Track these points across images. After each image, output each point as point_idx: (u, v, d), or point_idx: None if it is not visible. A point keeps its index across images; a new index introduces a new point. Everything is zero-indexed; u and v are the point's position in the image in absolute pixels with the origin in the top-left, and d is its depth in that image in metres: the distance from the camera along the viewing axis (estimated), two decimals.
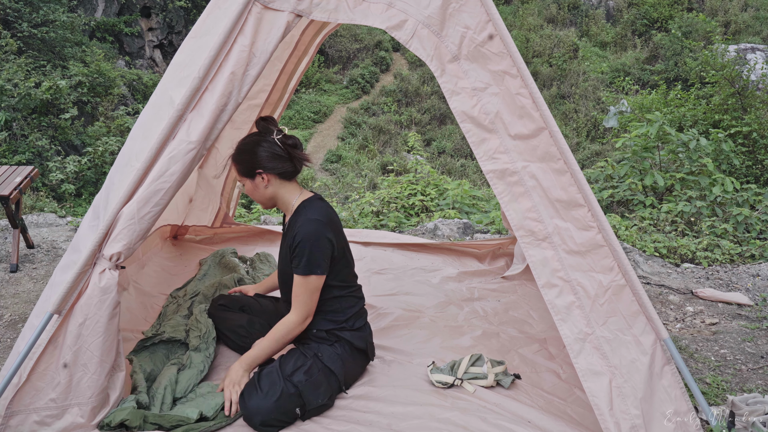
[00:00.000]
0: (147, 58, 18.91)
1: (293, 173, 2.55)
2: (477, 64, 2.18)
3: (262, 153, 2.46)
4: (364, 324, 2.66)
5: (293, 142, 2.51)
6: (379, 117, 19.49)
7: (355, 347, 2.56)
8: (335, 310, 2.56)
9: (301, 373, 2.38)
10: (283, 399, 2.29)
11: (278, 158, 2.47)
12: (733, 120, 9.41)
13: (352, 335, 2.56)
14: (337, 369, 2.47)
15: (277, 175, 2.50)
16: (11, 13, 13.12)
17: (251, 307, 2.86)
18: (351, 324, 2.57)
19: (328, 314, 2.56)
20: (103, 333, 2.13)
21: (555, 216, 2.17)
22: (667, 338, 2.17)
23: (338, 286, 2.55)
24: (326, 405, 2.41)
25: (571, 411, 2.44)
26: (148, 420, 2.20)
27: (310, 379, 2.38)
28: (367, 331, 2.67)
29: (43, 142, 10.60)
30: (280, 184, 2.52)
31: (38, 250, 4.28)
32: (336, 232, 2.50)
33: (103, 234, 2.12)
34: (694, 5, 23.10)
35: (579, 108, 19.14)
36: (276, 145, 2.46)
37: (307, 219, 2.44)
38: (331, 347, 2.52)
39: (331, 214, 2.54)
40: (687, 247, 4.93)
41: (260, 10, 2.19)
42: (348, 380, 2.55)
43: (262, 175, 2.48)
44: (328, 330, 2.55)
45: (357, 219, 5.85)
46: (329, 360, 2.47)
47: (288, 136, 2.51)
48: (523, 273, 3.76)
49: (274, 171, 2.49)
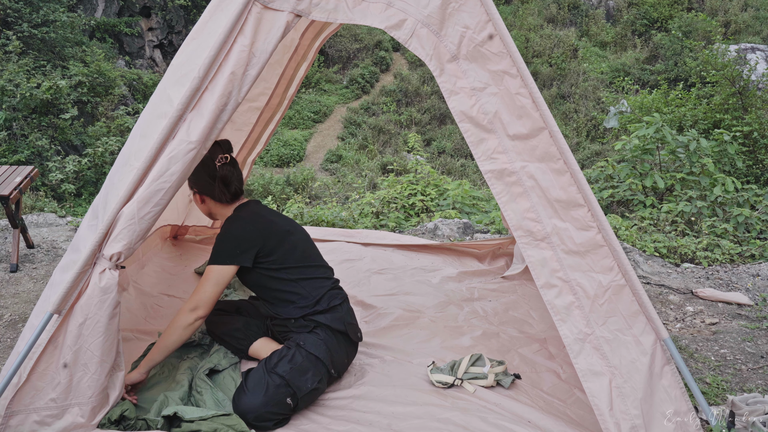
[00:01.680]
0: (147, 58, 18.91)
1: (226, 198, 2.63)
2: (476, 63, 2.18)
3: (199, 174, 2.58)
4: (340, 304, 2.63)
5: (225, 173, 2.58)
6: (379, 117, 19.50)
7: (334, 330, 2.55)
8: (299, 295, 2.57)
9: (285, 363, 2.39)
10: (271, 391, 2.30)
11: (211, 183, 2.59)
12: (734, 120, 9.42)
13: (327, 318, 2.55)
14: (322, 354, 2.47)
15: (211, 198, 2.64)
16: (11, 14, 13.13)
17: (246, 310, 2.86)
18: (323, 306, 2.57)
19: (293, 302, 2.58)
20: (104, 333, 2.13)
21: (554, 216, 2.17)
22: (667, 338, 2.17)
23: (287, 269, 2.57)
24: (318, 389, 2.42)
25: (570, 411, 2.44)
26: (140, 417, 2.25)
27: (295, 366, 2.38)
28: (344, 311, 2.64)
29: (43, 142, 10.61)
30: (214, 204, 2.66)
31: (38, 250, 4.28)
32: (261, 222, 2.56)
33: (103, 234, 2.12)
34: (694, 5, 23.10)
35: (579, 108, 19.14)
36: (213, 170, 2.58)
37: (229, 218, 2.58)
38: (312, 334, 2.52)
39: (261, 208, 2.64)
40: (687, 247, 4.93)
41: (260, 10, 2.19)
42: (336, 364, 2.54)
43: (196, 194, 2.66)
44: (302, 317, 2.56)
45: (357, 219, 5.85)
46: (312, 347, 2.47)
47: (225, 165, 2.59)
48: (523, 273, 3.76)
49: (207, 195, 2.63)
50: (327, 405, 2.47)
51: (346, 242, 4.30)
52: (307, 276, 2.60)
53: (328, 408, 2.45)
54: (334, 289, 2.67)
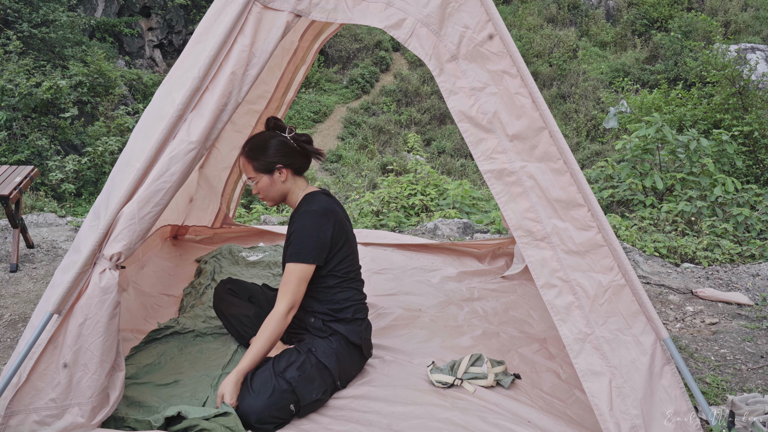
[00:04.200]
0: (147, 58, 18.91)
1: (306, 168, 2.67)
2: (476, 63, 2.18)
3: (280, 148, 2.57)
4: (363, 319, 2.66)
5: (306, 138, 2.64)
6: (378, 117, 19.49)
7: (349, 342, 2.56)
8: (331, 300, 2.58)
9: (294, 369, 2.38)
10: (276, 396, 2.29)
11: (294, 153, 2.60)
12: (734, 120, 9.42)
13: (347, 329, 2.56)
14: (331, 364, 2.47)
15: (292, 170, 2.61)
16: (11, 13, 13.13)
17: (258, 299, 2.85)
18: (347, 315, 2.57)
19: (323, 303, 2.58)
20: (104, 333, 2.13)
21: (553, 216, 2.17)
22: (667, 338, 2.17)
23: (334, 276, 2.57)
24: (321, 400, 2.41)
25: (570, 411, 2.44)
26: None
27: (303, 374, 2.38)
28: (365, 327, 2.66)
29: (43, 141, 10.61)
30: (293, 179, 2.63)
31: (38, 250, 4.28)
32: (336, 223, 2.54)
33: (103, 234, 2.12)
34: (694, 5, 23.09)
35: (579, 108, 19.14)
36: (289, 141, 2.58)
37: (303, 211, 2.53)
38: (326, 341, 2.52)
39: (332, 205, 2.60)
40: (687, 247, 4.93)
41: (260, 10, 2.19)
42: (343, 376, 2.55)
43: (281, 170, 2.58)
44: (324, 320, 2.56)
45: (357, 219, 5.85)
46: (323, 355, 2.47)
47: (300, 133, 2.63)
48: (522, 273, 3.76)
49: (292, 166, 2.60)
50: (327, 405, 2.47)
51: None
52: (346, 287, 2.61)
53: (328, 408, 2.45)
54: (361, 302, 2.69)
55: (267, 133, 2.62)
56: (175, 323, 2.97)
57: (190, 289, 3.44)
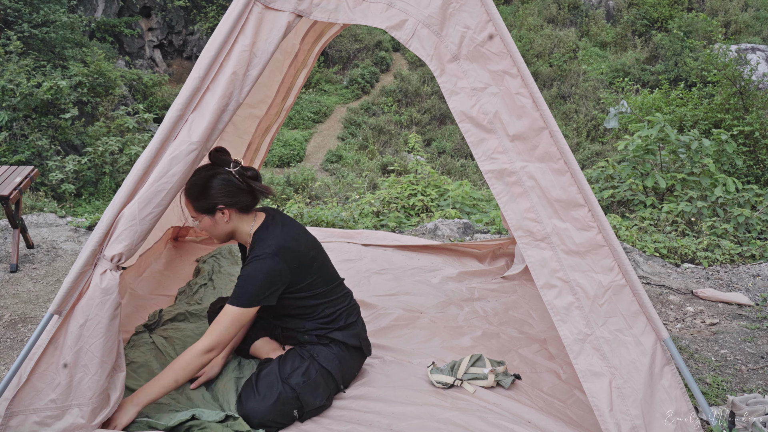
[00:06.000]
0: (147, 58, 18.92)
1: (254, 205, 2.45)
2: (477, 63, 2.18)
3: (223, 187, 2.34)
4: (356, 320, 2.61)
5: (252, 173, 2.40)
6: (379, 117, 19.50)
7: (349, 346, 2.55)
8: (320, 315, 2.52)
9: (299, 375, 2.37)
10: (281, 402, 2.29)
11: (239, 192, 2.36)
12: (735, 120, 9.42)
13: (344, 335, 2.54)
14: (334, 369, 2.46)
15: (237, 209, 2.40)
16: (11, 14, 13.14)
17: None
18: (339, 323, 2.54)
19: (313, 320, 2.52)
20: (104, 334, 2.12)
21: (554, 216, 2.17)
22: (668, 338, 2.17)
23: (315, 296, 2.48)
24: (324, 406, 2.41)
25: (570, 412, 2.44)
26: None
27: (308, 381, 2.37)
28: (359, 327, 2.62)
29: (43, 141, 10.62)
30: (239, 217, 2.42)
31: (38, 250, 4.28)
32: (292, 257, 2.37)
33: (103, 234, 2.12)
34: (694, 5, 23.11)
35: (579, 108, 19.14)
36: (234, 177, 2.36)
37: (254, 256, 2.34)
38: (327, 348, 2.51)
39: (287, 236, 2.40)
40: (687, 247, 4.93)
41: (261, 10, 2.19)
42: (346, 379, 2.55)
43: (223, 211, 2.37)
44: (318, 334, 2.52)
45: (357, 219, 5.85)
46: (326, 361, 2.46)
47: (246, 167, 2.41)
48: (523, 273, 3.76)
49: (236, 206, 2.38)
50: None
51: (346, 243, 4.31)
52: (328, 298, 2.53)
53: (328, 408, 2.44)
54: (350, 305, 2.63)
55: (209, 169, 2.36)
56: (156, 316, 2.99)
57: (185, 288, 3.44)
